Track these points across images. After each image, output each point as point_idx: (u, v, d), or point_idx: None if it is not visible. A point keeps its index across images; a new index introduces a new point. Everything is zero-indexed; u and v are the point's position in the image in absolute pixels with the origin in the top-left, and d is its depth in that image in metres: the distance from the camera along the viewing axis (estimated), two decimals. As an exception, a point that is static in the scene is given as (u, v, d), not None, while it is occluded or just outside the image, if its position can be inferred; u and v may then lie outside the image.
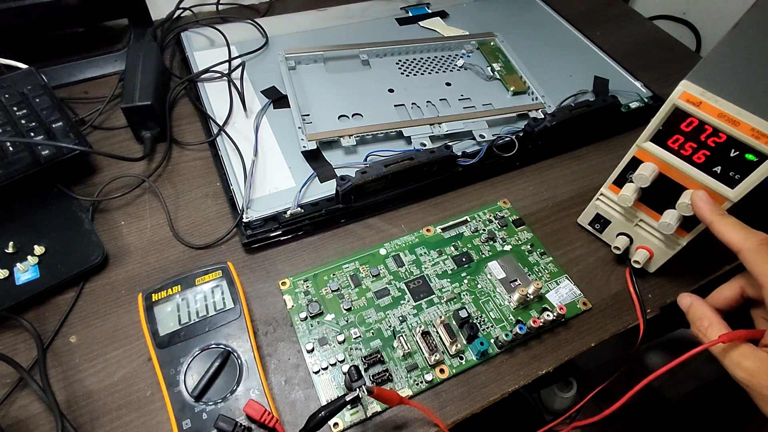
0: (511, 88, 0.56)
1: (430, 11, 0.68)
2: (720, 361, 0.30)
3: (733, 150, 0.32)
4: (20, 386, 0.34)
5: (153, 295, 0.35)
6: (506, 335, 0.37)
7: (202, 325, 0.34)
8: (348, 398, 0.30)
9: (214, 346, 0.34)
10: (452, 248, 0.43)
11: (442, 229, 0.45)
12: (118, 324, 0.37)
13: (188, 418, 0.31)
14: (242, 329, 0.35)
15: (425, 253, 0.43)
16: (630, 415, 0.86)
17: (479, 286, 0.41)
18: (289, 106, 0.50)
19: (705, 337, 0.31)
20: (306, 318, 0.38)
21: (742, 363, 0.29)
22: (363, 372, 0.35)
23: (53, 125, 0.43)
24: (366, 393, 0.30)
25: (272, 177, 0.46)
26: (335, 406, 0.30)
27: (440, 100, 0.54)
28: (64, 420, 0.32)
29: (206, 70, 0.54)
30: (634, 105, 0.57)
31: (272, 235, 0.42)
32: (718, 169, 0.33)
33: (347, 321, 0.38)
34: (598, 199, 0.43)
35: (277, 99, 0.53)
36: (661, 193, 0.37)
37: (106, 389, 0.34)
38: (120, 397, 0.34)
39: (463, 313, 0.38)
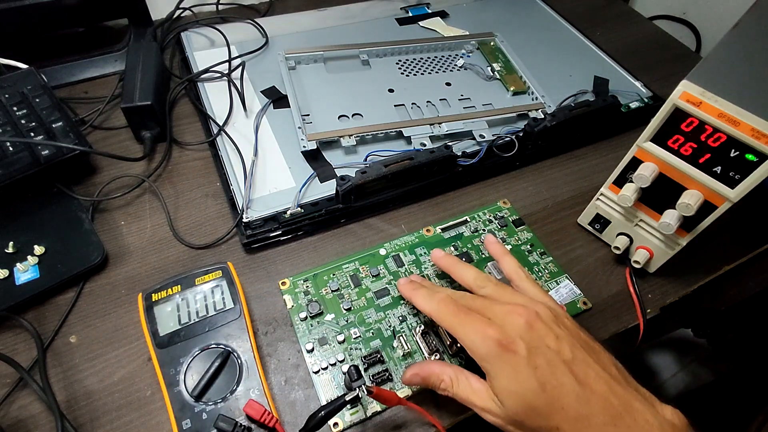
0: (511, 88, 0.56)
1: (430, 11, 0.68)
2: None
3: (733, 150, 0.32)
4: (20, 386, 0.34)
5: (153, 295, 0.35)
6: (506, 335, 0.37)
7: (202, 325, 0.34)
8: (348, 398, 0.30)
9: (214, 346, 0.34)
10: (452, 248, 0.43)
11: (442, 229, 0.45)
12: (118, 324, 0.37)
13: (188, 418, 0.31)
14: (242, 329, 0.35)
15: (425, 253, 0.43)
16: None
17: (479, 286, 0.41)
18: (289, 106, 0.50)
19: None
20: (306, 318, 0.38)
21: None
22: (363, 372, 0.35)
23: (53, 125, 0.43)
24: (366, 393, 0.30)
25: (272, 177, 0.46)
26: (335, 406, 0.30)
27: (440, 100, 0.54)
28: (64, 420, 0.32)
29: (206, 70, 0.54)
30: (634, 105, 0.57)
31: (272, 235, 0.42)
32: (718, 169, 0.33)
33: (347, 321, 0.38)
34: (598, 199, 0.43)
35: (277, 99, 0.53)
36: (661, 193, 0.37)
37: (106, 389, 0.34)
38: (120, 397, 0.34)
39: (463, 313, 0.38)
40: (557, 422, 0.27)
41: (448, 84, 0.57)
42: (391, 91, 0.55)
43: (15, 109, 0.42)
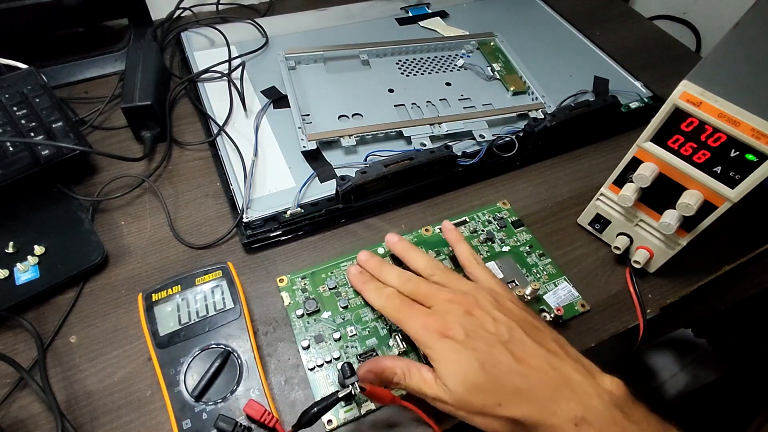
0: (511, 88, 0.56)
1: (430, 11, 0.68)
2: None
3: (733, 150, 0.32)
4: (20, 386, 0.34)
5: (153, 295, 0.35)
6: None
7: (202, 325, 0.34)
8: (341, 394, 0.30)
9: (214, 346, 0.34)
10: (451, 248, 0.43)
11: (440, 229, 0.44)
12: (118, 324, 0.37)
13: (188, 418, 0.31)
14: (242, 329, 0.35)
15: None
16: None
17: (479, 286, 0.41)
18: (289, 106, 0.50)
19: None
20: (302, 315, 0.38)
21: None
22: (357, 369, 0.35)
23: (53, 125, 0.43)
24: (359, 390, 0.30)
25: (272, 177, 0.46)
26: (328, 402, 0.30)
27: (440, 100, 0.54)
28: (64, 420, 0.32)
29: (206, 70, 0.54)
30: (634, 105, 0.57)
31: (272, 235, 0.42)
32: (718, 169, 0.33)
33: (344, 319, 0.38)
34: (598, 199, 0.43)
35: (277, 99, 0.53)
36: (661, 193, 0.37)
37: (106, 389, 0.34)
38: (120, 397, 0.34)
39: (462, 313, 0.38)
40: (498, 399, 0.29)
41: (448, 84, 0.57)
42: (391, 91, 0.55)
43: (15, 109, 0.42)
